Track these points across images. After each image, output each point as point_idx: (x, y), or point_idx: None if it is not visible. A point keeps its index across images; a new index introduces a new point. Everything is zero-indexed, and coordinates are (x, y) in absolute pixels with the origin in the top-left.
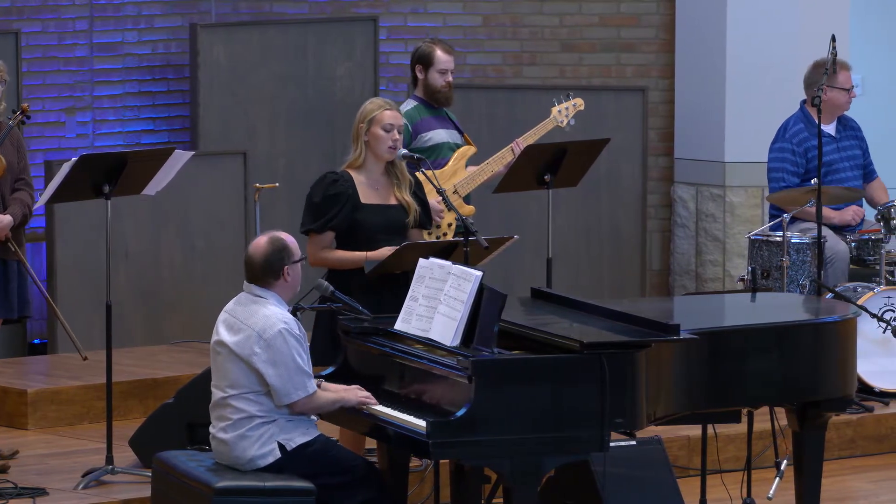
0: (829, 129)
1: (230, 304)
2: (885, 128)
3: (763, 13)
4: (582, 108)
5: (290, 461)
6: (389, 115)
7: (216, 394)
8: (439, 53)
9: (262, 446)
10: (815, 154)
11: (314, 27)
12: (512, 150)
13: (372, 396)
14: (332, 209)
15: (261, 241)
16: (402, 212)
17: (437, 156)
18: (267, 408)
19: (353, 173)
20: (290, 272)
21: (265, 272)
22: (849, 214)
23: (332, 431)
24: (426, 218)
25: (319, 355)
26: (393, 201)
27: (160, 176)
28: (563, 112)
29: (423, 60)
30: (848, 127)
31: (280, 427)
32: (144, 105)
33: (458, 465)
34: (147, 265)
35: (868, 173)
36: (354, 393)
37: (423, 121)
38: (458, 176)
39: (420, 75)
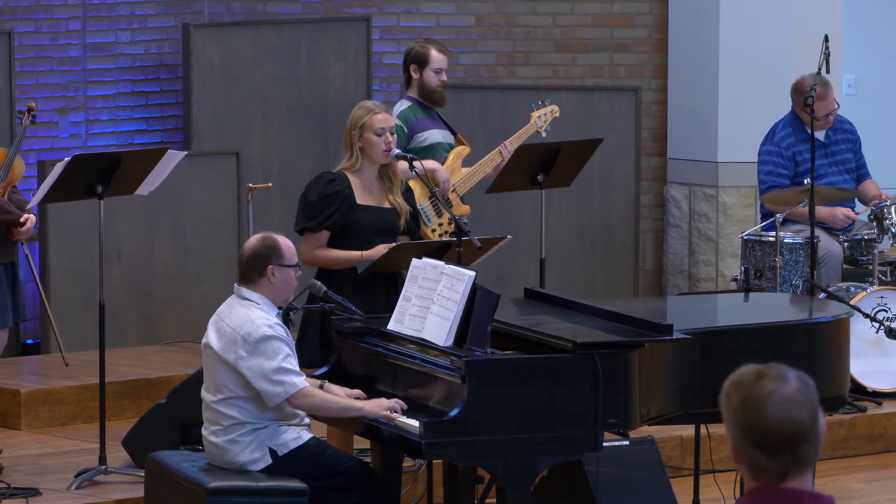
0: (818, 135)
1: (221, 307)
2: (877, 128)
3: (756, 13)
4: (557, 114)
5: (282, 466)
6: (379, 118)
7: (207, 397)
8: (434, 53)
9: (253, 452)
10: (802, 159)
11: (307, 27)
12: (500, 152)
13: (399, 404)
14: (328, 208)
15: (254, 238)
16: (396, 215)
17: (432, 156)
18: (256, 414)
19: (348, 175)
20: (277, 274)
21: (249, 267)
22: (839, 214)
23: (321, 430)
24: (415, 225)
25: (311, 355)
26: (387, 205)
27: (153, 176)
28: (542, 118)
29: (417, 60)
30: (839, 131)
31: (271, 432)
32: (137, 105)
33: (451, 465)
34: (140, 265)
35: (860, 175)
36: (380, 405)
37: (419, 121)
38: (456, 176)
39: (415, 75)
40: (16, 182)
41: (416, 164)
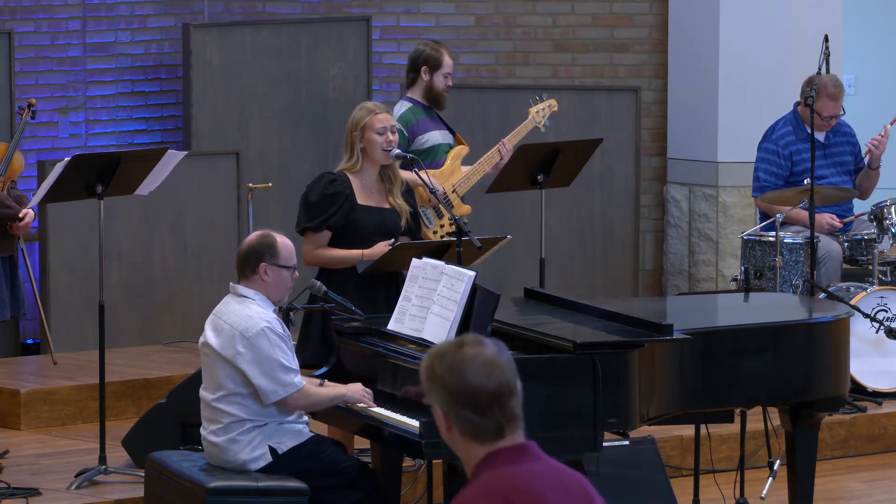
0: (819, 135)
1: (217, 306)
2: (877, 128)
3: (756, 13)
4: (555, 108)
5: (282, 464)
6: (380, 118)
7: (206, 396)
8: (446, 58)
9: (254, 450)
10: (800, 158)
11: (307, 27)
12: (499, 150)
13: (371, 393)
14: (330, 208)
15: (253, 234)
16: (397, 216)
17: (433, 157)
18: (256, 411)
19: (349, 175)
20: (270, 273)
21: (243, 263)
22: (823, 221)
23: (321, 430)
24: (416, 226)
25: (312, 356)
26: (387, 205)
27: (153, 176)
28: (541, 113)
29: (430, 62)
30: (839, 133)
31: (271, 430)
32: (137, 105)
33: (451, 465)
34: (140, 265)
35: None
36: (356, 389)
37: (420, 123)
38: (456, 175)
39: (425, 76)
40: (15, 177)
41: (416, 166)
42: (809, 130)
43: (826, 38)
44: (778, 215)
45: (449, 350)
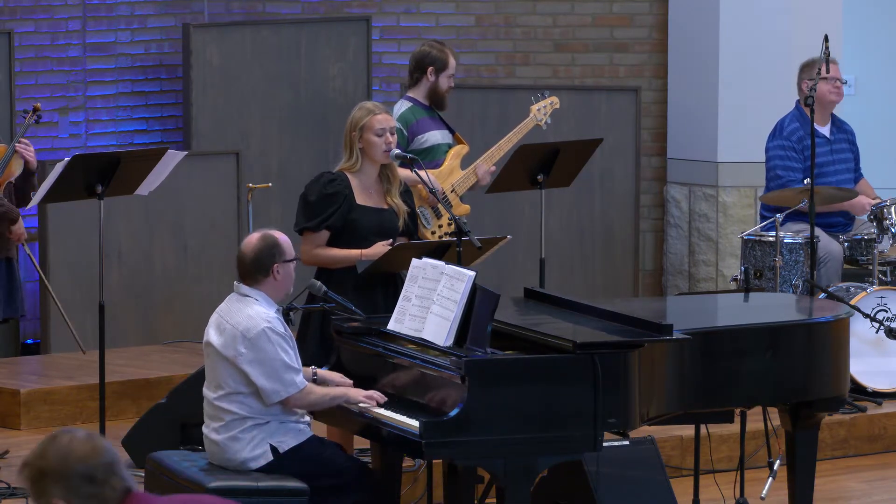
0: (824, 130)
1: (221, 305)
2: (877, 127)
3: (756, 13)
4: (557, 106)
5: (282, 463)
6: (380, 119)
7: (208, 394)
8: (452, 59)
9: (254, 449)
10: (809, 154)
11: (307, 27)
12: (475, 172)
13: (377, 393)
14: (328, 208)
15: (252, 238)
16: (395, 216)
17: (433, 157)
18: (257, 410)
19: (348, 175)
20: (281, 270)
21: (254, 269)
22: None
23: (321, 430)
24: (413, 226)
25: (311, 356)
26: (386, 206)
27: (153, 176)
28: (542, 111)
29: (437, 64)
30: (842, 130)
31: (272, 429)
32: (137, 105)
33: (451, 465)
34: (140, 265)
35: (855, 178)
36: (360, 392)
37: (420, 122)
38: (455, 175)
39: (431, 77)
40: (11, 179)
41: (416, 166)
42: (816, 128)
43: (826, 38)
44: (779, 215)
45: (45, 448)
